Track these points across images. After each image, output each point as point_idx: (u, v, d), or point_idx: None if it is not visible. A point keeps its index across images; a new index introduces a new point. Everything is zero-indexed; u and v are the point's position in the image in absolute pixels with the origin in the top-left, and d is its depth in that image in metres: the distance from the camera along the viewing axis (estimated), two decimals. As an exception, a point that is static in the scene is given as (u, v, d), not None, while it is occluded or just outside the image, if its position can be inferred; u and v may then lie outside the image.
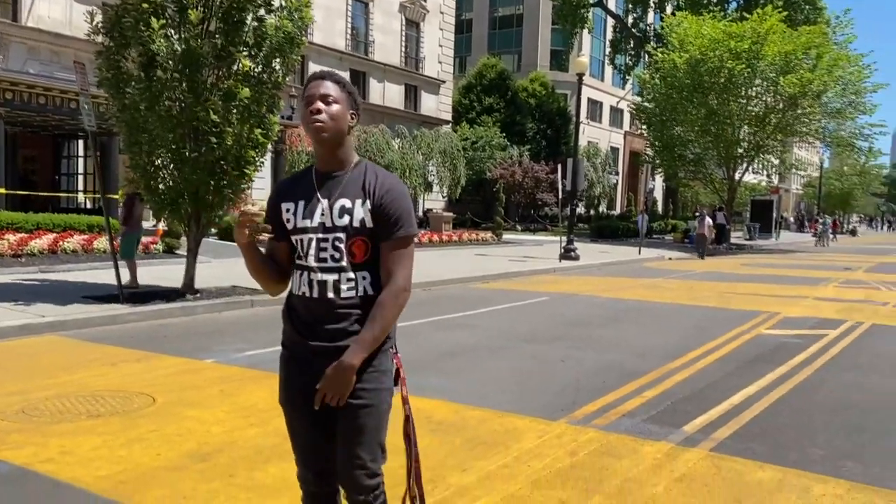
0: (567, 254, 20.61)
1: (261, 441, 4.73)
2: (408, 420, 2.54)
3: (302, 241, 2.48)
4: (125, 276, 11.00)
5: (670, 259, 24.26)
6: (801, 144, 44.15)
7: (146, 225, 15.12)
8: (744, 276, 18.84)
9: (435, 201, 37.96)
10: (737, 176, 35.59)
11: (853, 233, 57.29)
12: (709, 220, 26.09)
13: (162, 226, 16.90)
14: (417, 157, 33.15)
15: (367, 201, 2.44)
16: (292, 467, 4.20)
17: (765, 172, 45.02)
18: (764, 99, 33.01)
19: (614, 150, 57.76)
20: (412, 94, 40.67)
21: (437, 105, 42.32)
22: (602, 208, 49.22)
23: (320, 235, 2.45)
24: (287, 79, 11.33)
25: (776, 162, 39.07)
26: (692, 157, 35.38)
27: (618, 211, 52.08)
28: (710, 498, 3.99)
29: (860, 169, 64.43)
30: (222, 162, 10.58)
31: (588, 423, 5.27)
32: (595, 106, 56.07)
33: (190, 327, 9.12)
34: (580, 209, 41.84)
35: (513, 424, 5.20)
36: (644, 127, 38.80)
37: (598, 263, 20.75)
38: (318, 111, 2.40)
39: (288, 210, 2.51)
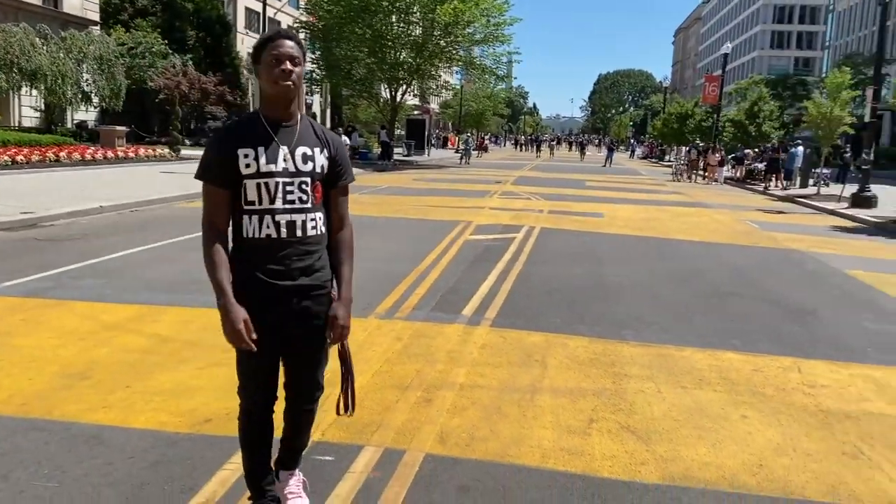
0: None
1: (122, 357, 5.03)
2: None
3: (267, 184, 2.68)
4: None
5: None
6: (450, 70, 48.78)
7: None
8: (422, 190, 21.21)
9: (85, 113, 34.65)
10: (398, 97, 38.45)
11: (485, 149, 65.06)
12: (345, 138, 27.90)
13: None
14: (69, 63, 29.75)
15: (325, 150, 2.81)
16: (179, 377, 4.77)
17: (420, 93, 48.89)
18: (422, 25, 35.84)
19: (274, 63, 57.25)
20: (52, -12, 35.81)
21: (81, 3, 37.83)
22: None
23: (286, 179, 2.70)
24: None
25: (433, 85, 42.65)
26: (359, 77, 37.17)
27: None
28: (510, 356, 5.47)
29: (490, 92, 72.89)
30: None
31: (392, 317, 6.44)
32: (254, 16, 54.64)
33: None
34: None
35: (335, 322, 6.12)
36: (307, 42, 39.42)
37: (289, 180, 21.45)
38: (291, 72, 2.68)
39: (247, 156, 2.67)
